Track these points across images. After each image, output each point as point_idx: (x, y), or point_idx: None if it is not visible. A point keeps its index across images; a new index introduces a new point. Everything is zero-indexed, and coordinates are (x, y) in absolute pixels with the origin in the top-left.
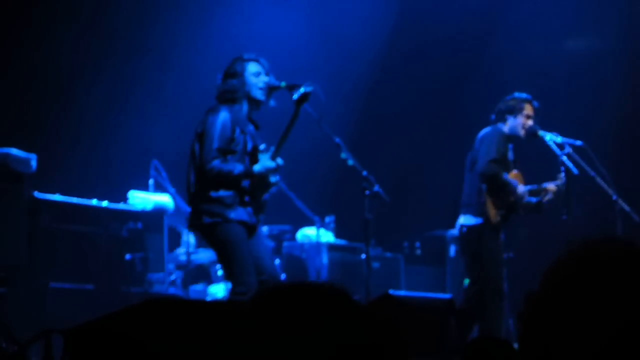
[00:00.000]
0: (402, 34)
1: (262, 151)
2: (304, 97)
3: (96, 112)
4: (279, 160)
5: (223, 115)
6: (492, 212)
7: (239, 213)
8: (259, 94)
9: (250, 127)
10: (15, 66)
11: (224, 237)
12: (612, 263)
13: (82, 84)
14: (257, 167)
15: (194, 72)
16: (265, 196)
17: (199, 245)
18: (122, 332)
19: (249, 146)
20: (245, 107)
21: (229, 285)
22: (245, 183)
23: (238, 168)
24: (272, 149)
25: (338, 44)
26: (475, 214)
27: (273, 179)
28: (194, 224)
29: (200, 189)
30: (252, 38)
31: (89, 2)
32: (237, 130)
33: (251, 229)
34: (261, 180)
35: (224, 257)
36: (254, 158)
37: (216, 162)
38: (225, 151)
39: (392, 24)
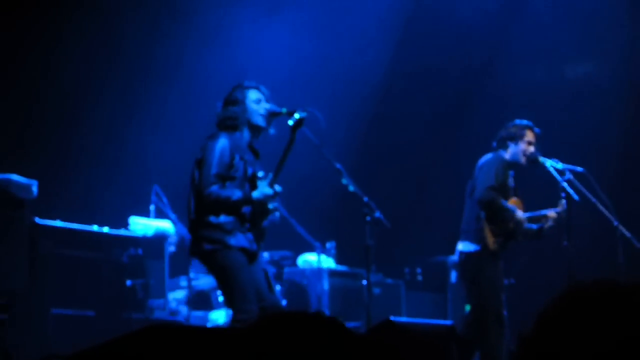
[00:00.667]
0: (403, 60)
1: (261, 178)
2: (299, 123)
3: (97, 138)
4: (277, 187)
5: (222, 142)
6: (491, 240)
7: (239, 239)
8: (259, 121)
9: (250, 155)
10: (16, 91)
11: (224, 264)
12: (600, 307)
13: (83, 109)
14: (255, 194)
15: (195, 98)
16: (265, 223)
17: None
18: (123, 359)
19: (249, 173)
20: (245, 134)
21: (230, 311)
22: (246, 209)
23: (237, 194)
24: (271, 175)
25: (339, 70)
26: (473, 240)
27: (271, 205)
28: (194, 251)
29: (200, 215)
30: (254, 64)
31: (92, 28)
32: (237, 157)
33: (251, 256)
34: (260, 206)
35: (224, 284)
36: (253, 185)
37: (214, 188)
38: (224, 177)
39: (394, 50)
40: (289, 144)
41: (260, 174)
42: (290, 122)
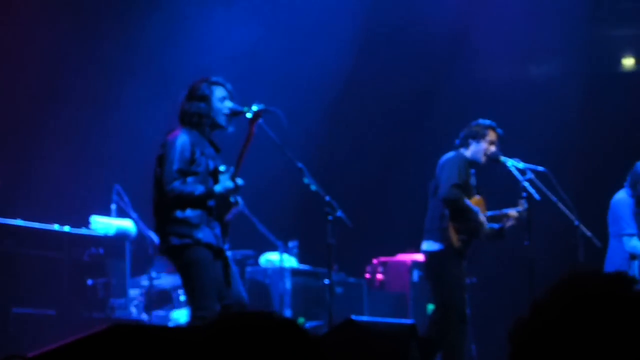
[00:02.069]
0: (364, 59)
1: (222, 172)
2: (257, 116)
3: (58, 137)
4: (239, 181)
5: (182, 138)
6: (455, 238)
7: (207, 234)
8: (222, 120)
9: (211, 150)
10: None
11: (191, 260)
12: (600, 297)
13: (45, 108)
14: (217, 188)
15: (156, 96)
16: (228, 216)
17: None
18: (84, 358)
19: (210, 167)
20: (206, 130)
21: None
22: (211, 203)
23: (199, 189)
24: (232, 169)
25: (301, 68)
26: (437, 239)
27: (233, 199)
28: (163, 248)
29: (165, 211)
30: (215, 62)
31: (53, 27)
32: (197, 152)
33: (217, 253)
34: (222, 200)
35: (187, 280)
36: (215, 179)
37: (176, 184)
38: (186, 173)
39: (355, 48)
40: (248, 138)
41: (221, 168)
42: (249, 115)
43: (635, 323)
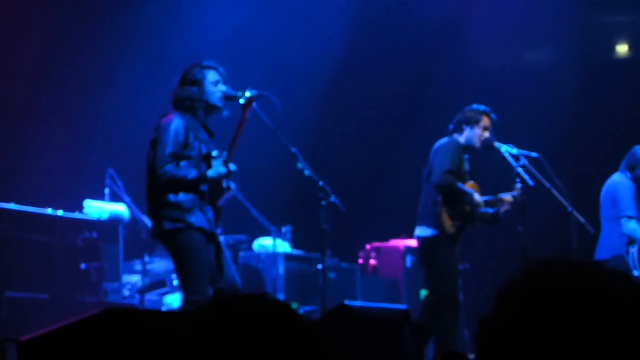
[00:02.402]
0: (359, 43)
1: (215, 157)
2: (250, 101)
3: (51, 121)
4: (232, 166)
5: (176, 122)
6: (448, 223)
7: (199, 218)
8: (217, 101)
9: (204, 134)
10: None
11: (183, 244)
12: (565, 285)
13: (37, 92)
14: (210, 173)
15: (150, 80)
16: (220, 202)
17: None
18: (77, 342)
19: (203, 152)
20: (200, 113)
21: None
22: (204, 187)
23: (192, 173)
24: (225, 154)
25: (295, 53)
26: (430, 225)
27: (225, 184)
28: (156, 232)
29: (158, 195)
30: (208, 46)
31: (44, 10)
32: (191, 136)
33: (210, 237)
34: (214, 185)
35: (180, 264)
36: (208, 164)
37: (169, 167)
38: (179, 157)
39: (350, 34)
40: (241, 123)
41: (214, 153)
42: (242, 101)
43: (602, 313)
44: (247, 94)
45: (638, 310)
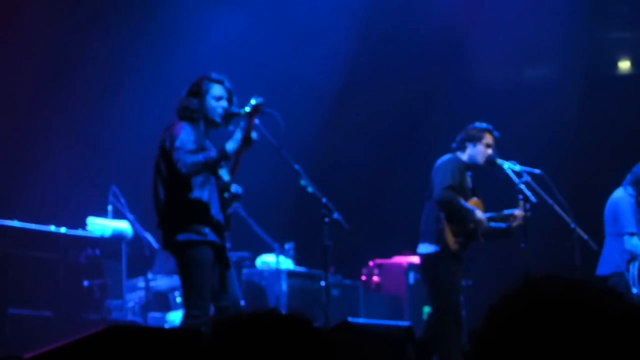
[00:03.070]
0: (362, 61)
1: (222, 165)
2: (255, 110)
3: (55, 138)
4: (237, 188)
5: (187, 129)
6: (451, 240)
7: (211, 231)
8: (216, 117)
9: (209, 144)
10: None
11: (193, 257)
12: (554, 303)
13: (41, 109)
14: (229, 146)
15: (151, 97)
16: (230, 210)
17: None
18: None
19: None
20: (202, 126)
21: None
22: (215, 201)
23: (212, 154)
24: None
25: (298, 70)
26: (432, 241)
27: (227, 195)
28: (166, 243)
29: (171, 206)
30: (213, 63)
31: (50, 20)
32: (197, 145)
33: (220, 252)
34: (222, 194)
35: (185, 277)
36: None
37: (188, 156)
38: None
39: (352, 51)
40: (247, 131)
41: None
42: (247, 109)
43: (589, 330)
44: (252, 101)
45: (626, 329)
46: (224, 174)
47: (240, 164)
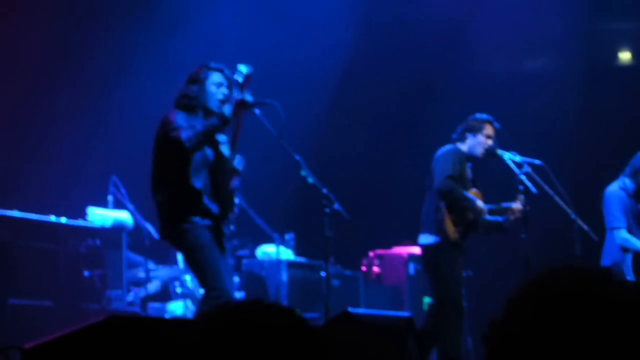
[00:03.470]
0: (362, 51)
1: (222, 143)
2: (246, 80)
3: (55, 128)
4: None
5: (181, 114)
6: (451, 229)
7: (201, 221)
8: (214, 106)
9: None
10: None
11: (196, 242)
12: (577, 294)
13: (40, 99)
14: (227, 110)
15: (152, 87)
16: (233, 184)
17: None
18: (81, 350)
19: (209, 156)
20: (200, 116)
21: (202, 292)
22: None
23: (212, 121)
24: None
25: (298, 60)
26: (433, 232)
27: (234, 165)
28: (165, 233)
29: (165, 197)
30: (213, 54)
31: (48, 14)
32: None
33: (217, 234)
34: (223, 168)
35: (195, 263)
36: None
37: (187, 132)
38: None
39: (353, 41)
40: (239, 104)
41: (221, 138)
42: (239, 79)
43: (610, 320)
44: (243, 69)
45: None
46: (225, 150)
47: (239, 138)
